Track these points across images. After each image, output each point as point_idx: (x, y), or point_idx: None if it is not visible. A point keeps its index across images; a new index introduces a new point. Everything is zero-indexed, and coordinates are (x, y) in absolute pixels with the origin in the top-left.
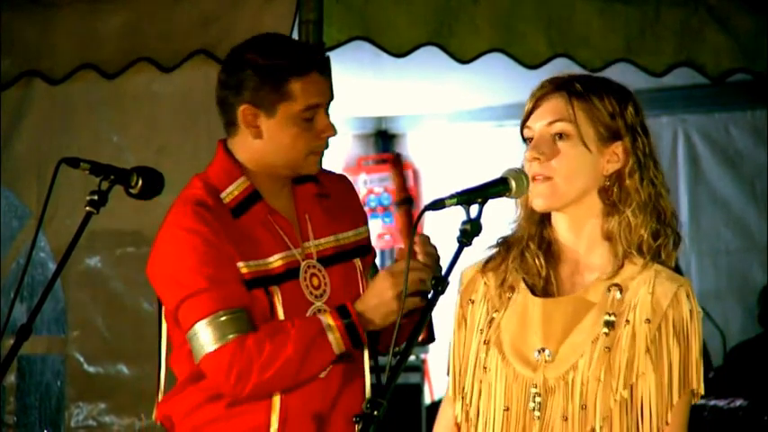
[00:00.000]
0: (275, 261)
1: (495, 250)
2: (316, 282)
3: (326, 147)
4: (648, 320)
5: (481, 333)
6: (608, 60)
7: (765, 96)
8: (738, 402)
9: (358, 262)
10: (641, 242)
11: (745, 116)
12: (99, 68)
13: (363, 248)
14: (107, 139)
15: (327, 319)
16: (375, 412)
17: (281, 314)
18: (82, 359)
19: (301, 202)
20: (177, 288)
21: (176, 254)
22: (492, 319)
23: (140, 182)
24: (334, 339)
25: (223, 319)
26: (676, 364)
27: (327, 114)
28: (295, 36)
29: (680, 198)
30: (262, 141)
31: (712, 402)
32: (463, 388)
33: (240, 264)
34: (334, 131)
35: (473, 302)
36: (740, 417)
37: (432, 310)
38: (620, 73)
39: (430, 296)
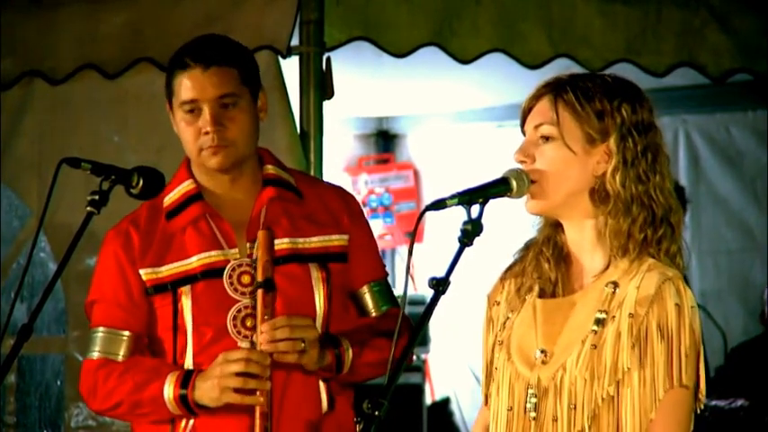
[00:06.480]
0: (195, 261)
1: (519, 255)
2: (246, 279)
3: (220, 143)
4: (631, 315)
5: (498, 333)
6: (609, 60)
7: (766, 97)
8: (739, 403)
9: (314, 267)
10: (623, 243)
11: (746, 116)
12: (100, 68)
13: (330, 256)
14: (108, 139)
15: (170, 381)
16: (376, 412)
17: (188, 314)
18: (82, 359)
19: (258, 204)
20: (88, 293)
21: (96, 267)
22: (507, 319)
23: (141, 182)
24: (170, 405)
25: (102, 335)
26: (661, 360)
27: (214, 110)
28: (296, 36)
29: None
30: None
31: (713, 403)
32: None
33: (145, 271)
34: (211, 128)
35: (498, 304)
36: (741, 417)
37: (432, 311)
38: (621, 73)
39: (431, 297)
